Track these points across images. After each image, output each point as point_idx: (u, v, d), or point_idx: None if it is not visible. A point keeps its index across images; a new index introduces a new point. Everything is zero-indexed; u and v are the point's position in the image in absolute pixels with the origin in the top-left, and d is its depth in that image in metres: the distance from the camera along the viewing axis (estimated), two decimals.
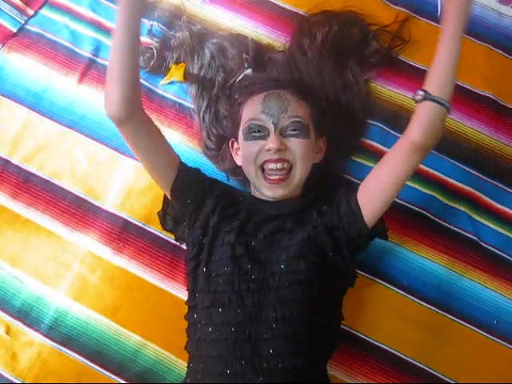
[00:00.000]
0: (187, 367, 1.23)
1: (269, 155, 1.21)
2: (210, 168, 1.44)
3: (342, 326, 1.30)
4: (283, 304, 1.13)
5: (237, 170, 1.37)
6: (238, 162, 1.33)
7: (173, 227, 1.31)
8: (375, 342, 1.33)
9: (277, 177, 1.21)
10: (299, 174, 1.23)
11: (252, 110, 1.26)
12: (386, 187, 1.17)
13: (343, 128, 1.42)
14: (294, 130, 1.22)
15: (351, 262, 1.22)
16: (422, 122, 1.10)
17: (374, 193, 1.18)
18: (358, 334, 1.33)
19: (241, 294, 1.14)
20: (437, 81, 1.11)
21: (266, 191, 1.23)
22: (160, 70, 1.53)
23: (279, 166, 1.21)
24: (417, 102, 1.10)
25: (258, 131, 1.23)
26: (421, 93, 1.10)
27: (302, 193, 1.29)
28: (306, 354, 1.13)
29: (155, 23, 1.57)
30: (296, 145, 1.22)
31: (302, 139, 1.23)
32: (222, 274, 1.16)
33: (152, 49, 1.52)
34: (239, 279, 1.15)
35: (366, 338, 1.33)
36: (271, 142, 1.20)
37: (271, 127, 1.22)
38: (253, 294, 1.14)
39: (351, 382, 1.31)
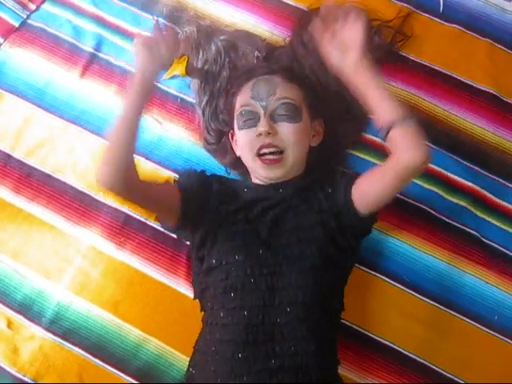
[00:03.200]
0: (192, 353, 1.22)
1: (261, 140, 1.21)
2: (210, 162, 1.44)
3: (343, 321, 1.30)
4: (296, 288, 1.14)
5: (237, 163, 1.37)
6: (238, 152, 1.33)
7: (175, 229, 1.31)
8: (376, 337, 1.33)
9: (271, 157, 1.21)
10: (292, 157, 1.23)
11: (242, 98, 1.27)
12: (378, 194, 1.17)
13: (345, 122, 1.41)
14: (284, 113, 1.22)
15: (356, 246, 1.24)
16: (402, 145, 1.07)
17: (367, 196, 1.18)
18: (358, 329, 1.33)
19: (254, 279, 1.14)
20: (384, 109, 1.09)
21: (263, 172, 1.23)
22: None
23: (272, 149, 1.21)
24: (386, 136, 1.08)
25: (250, 118, 1.24)
26: (383, 128, 1.08)
27: (304, 173, 1.29)
28: (318, 338, 1.13)
29: (160, 19, 1.57)
30: (286, 130, 1.22)
31: (294, 123, 1.23)
32: (233, 262, 1.17)
33: None
34: (252, 264, 1.15)
35: (367, 333, 1.33)
36: (261, 126, 1.21)
37: (261, 111, 1.23)
38: (266, 278, 1.14)
39: (357, 379, 1.31)
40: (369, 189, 1.18)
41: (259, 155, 1.22)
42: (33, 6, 1.63)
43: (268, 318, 1.12)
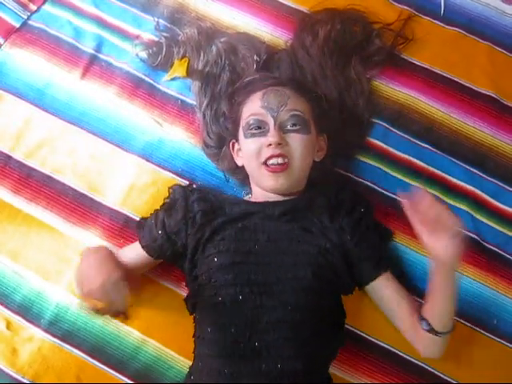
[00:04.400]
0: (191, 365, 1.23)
1: (270, 151, 1.20)
2: (210, 164, 1.44)
3: None
4: (286, 308, 1.13)
5: (236, 170, 1.37)
6: (239, 162, 1.33)
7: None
8: (375, 340, 1.33)
9: (278, 164, 1.20)
10: (299, 168, 1.23)
11: (251, 107, 1.26)
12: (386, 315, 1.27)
13: (347, 127, 1.42)
14: (293, 124, 1.22)
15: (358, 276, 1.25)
16: (430, 349, 1.21)
17: (379, 301, 1.27)
18: (357, 331, 1.33)
19: (243, 297, 1.14)
20: (438, 315, 1.16)
21: (269, 181, 1.22)
22: (166, 65, 1.53)
23: (280, 160, 1.20)
24: (423, 326, 1.16)
25: (258, 127, 1.23)
26: (425, 325, 1.16)
27: (305, 190, 1.29)
28: (306, 356, 1.13)
29: (160, 20, 1.58)
30: (296, 140, 1.22)
31: (303, 134, 1.23)
32: (222, 280, 1.17)
33: (161, 44, 1.53)
34: (242, 283, 1.15)
35: (366, 336, 1.33)
36: (271, 137, 1.20)
37: (271, 121, 1.22)
38: (255, 297, 1.14)
39: (351, 380, 1.31)
40: (382, 304, 1.26)
41: (266, 165, 1.22)
42: (33, 7, 1.63)
43: (255, 336, 1.11)
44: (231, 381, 1.10)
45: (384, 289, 1.24)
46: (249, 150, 1.24)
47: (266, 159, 1.21)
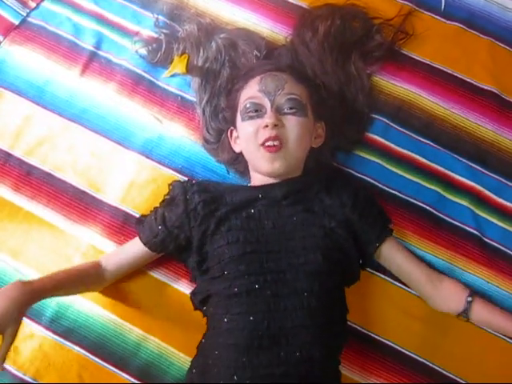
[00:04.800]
0: (195, 354, 1.22)
1: (267, 132, 1.20)
2: (210, 160, 1.44)
3: None
4: (301, 294, 1.14)
5: (236, 161, 1.38)
6: (237, 149, 1.33)
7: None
8: (378, 337, 1.32)
9: (274, 145, 1.20)
10: (294, 149, 1.23)
11: (249, 91, 1.27)
12: (399, 274, 1.33)
13: (346, 121, 1.42)
14: (290, 108, 1.23)
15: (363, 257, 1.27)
16: (448, 299, 1.29)
17: (389, 262, 1.31)
18: (361, 329, 1.33)
19: (259, 285, 1.14)
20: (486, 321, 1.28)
21: (265, 163, 1.22)
22: (166, 62, 1.53)
23: (276, 142, 1.20)
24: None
25: (255, 110, 1.24)
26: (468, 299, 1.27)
27: (301, 175, 1.30)
28: (323, 344, 1.13)
29: (160, 17, 1.58)
30: (292, 122, 1.22)
31: (299, 117, 1.23)
32: (235, 272, 1.16)
33: (160, 40, 1.53)
34: (255, 272, 1.15)
35: (369, 333, 1.33)
36: (268, 118, 1.21)
37: (268, 104, 1.23)
38: (270, 285, 1.14)
39: (359, 380, 1.30)
40: (397, 267, 1.30)
41: (263, 145, 1.22)
42: (33, 4, 1.62)
43: (273, 324, 1.11)
44: (248, 369, 1.10)
45: (394, 252, 1.29)
46: (246, 133, 1.25)
47: (263, 141, 1.21)
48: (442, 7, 1.62)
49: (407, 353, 1.31)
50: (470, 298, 1.26)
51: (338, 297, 1.21)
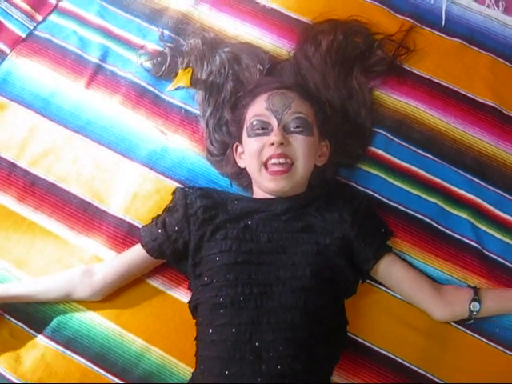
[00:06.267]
0: (193, 371, 1.23)
1: (272, 150, 1.22)
2: (214, 173, 1.45)
3: None
4: (286, 309, 1.14)
5: (239, 175, 1.39)
6: (241, 164, 1.34)
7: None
8: (376, 348, 1.32)
9: (280, 168, 1.22)
10: (301, 170, 1.24)
11: (256, 108, 1.28)
12: (397, 290, 1.34)
13: (349, 136, 1.43)
14: (297, 126, 1.24)
15: (360, 273, 1.28)
16: (457, 309, 1.29)
17: (387, 279, 1.31)
18: (359, 339, 1.33)
19: (244, 297, 1.15)
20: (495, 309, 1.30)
21: (269, 183, 1.23)
22: (171, 75, 1.55)
23: (282, 160, 1.22)
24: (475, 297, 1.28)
25: (262, 128, 1.25)
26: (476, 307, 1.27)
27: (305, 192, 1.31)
28: (306, 357, 1.13)
29: (165, 30, 1.60)
30: (299, 141, 1.24)
31: (306, 136, 1.24)
32: (224, 280, 1.17)
33: (165, 54, 1.55)
34: (242, 283, 1.16)
35: (367, 344, 1.33)
36: (274, 136, 1.22)
37: (275, 123, 1.24)
38: (255, 298, 1.15)
39: None
40: (396, 283, 1.31)
41: (266, 166, 1.23)
42: (39, 17, 1.65)
43: (255, 336, 1.12)
44: (231, 381, 1.11)
45: (392, 266, 1.29)
46: (251, 149, 1.26)
47: (267, 159, 1.22)
48: (443, 23, 1.64)
49: (406, 364, 1.31)
50: (475, 292, 1.28)
51: (332, 311, 1.21)
